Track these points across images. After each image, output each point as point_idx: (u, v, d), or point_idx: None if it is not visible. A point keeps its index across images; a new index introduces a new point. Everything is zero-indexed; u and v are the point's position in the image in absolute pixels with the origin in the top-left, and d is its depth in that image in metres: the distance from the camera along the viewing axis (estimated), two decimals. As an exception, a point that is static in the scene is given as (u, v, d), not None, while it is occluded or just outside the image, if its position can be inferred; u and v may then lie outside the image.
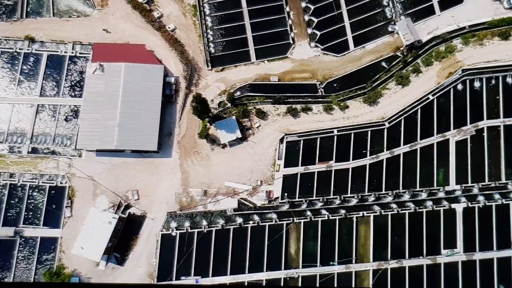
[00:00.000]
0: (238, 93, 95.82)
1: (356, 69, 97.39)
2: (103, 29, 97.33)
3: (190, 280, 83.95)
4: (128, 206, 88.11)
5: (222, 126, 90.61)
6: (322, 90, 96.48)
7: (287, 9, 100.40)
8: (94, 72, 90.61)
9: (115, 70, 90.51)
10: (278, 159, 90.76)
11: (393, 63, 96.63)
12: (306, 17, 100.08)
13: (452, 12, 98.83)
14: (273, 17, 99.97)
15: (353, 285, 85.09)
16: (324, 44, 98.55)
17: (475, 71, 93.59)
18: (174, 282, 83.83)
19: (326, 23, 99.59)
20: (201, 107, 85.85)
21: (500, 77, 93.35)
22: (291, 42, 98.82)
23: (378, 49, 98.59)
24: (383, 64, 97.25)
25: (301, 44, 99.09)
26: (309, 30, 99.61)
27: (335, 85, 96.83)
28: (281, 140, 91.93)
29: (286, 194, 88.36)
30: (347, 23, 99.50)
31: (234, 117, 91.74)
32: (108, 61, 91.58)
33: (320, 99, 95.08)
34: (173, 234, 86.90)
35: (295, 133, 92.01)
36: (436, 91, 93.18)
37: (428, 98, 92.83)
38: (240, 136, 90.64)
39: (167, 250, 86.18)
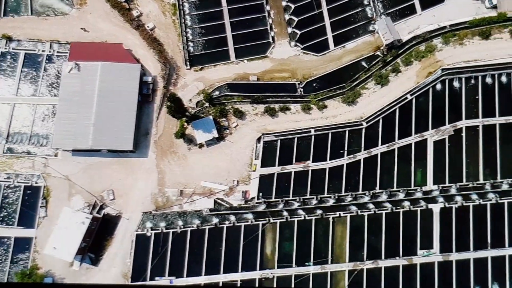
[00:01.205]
0: (217, 92, 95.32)
1: (336, 68, 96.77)
2: (81, 28, 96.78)
3: (164, 280, 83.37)
4: (103, 206, 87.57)
5: (199, 126, 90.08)
6: (302, 89, 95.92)
7: (268, 8, 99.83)
8: (70, 71, 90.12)
9: (91, 69, 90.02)
10: (255, 159, 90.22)
11: (373, 63, 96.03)
12: (287, 16, 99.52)
13: (433, 12, 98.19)
14: (253, 16, 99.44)
15: (329, 286, 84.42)
16: (304, 43, 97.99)
17: (455, 70, 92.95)
18: (148, 282, 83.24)
19: (306, 22, 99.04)
20: (175, 106, 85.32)
21: (480, 77, 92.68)
22: (271, 42, 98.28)
23: (358, 49, 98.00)
24: (363, 63, 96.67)
25: (281, 43, 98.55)
26: (289, 29, 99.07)
27: (314, 84, 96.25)
28: (258, 140, 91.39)
29: (261, 194, 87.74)
30: (327, 22, 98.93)
31: (211, 117, 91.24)
32: (85, 60, 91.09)
33: (298, 99, 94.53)
34: (148, 234, 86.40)
35: (272, 133, 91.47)
36: (414, 90, 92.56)
37: (406, 98, 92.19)
38: (216, 135, 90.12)
39: (142, 250, 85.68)
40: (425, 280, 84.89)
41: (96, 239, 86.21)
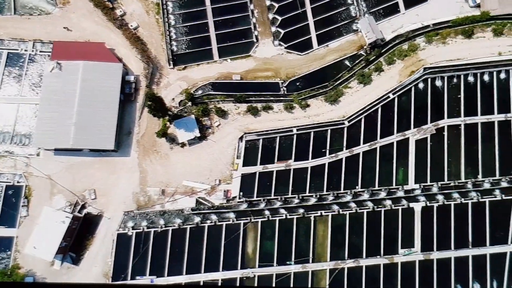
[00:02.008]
0: (200, 91, 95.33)
1: (319, 67, 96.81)
2: (64, 27, 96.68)
3: (145, 279, 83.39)
4: (85, 205, 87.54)
5: (181, 125, 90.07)
6: (285, 89, 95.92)
7: (251, 7, 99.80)
8: (52, 70, 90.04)
9: (73, 68, 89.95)
10: (236, 158, 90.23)
11: (356, 62, 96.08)
12: (270, 16, 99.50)
13: (417, 11, 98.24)
14: (237, 15, 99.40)
15: (310, 285, 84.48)
16: (288, 42, 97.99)
17: (437, 69, 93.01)
18: (128, 281, 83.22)
19: (290, 22, 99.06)
20: (155, 105, 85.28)
21: (462, 76, 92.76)
22: (255, 41, 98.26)
23: (342, 48, 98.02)
24: (347, 62, 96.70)
25: (265, 42, 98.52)
26: (273, 29, 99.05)
27: (298, 84, 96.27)
28: (240, 139, 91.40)
29: (242, 193, 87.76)
30: (311, 21, 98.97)
31: (193, 116, 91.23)
32: (67, 59, 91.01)
33: (281, 98, 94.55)
34: (129, 233, 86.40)
35: (255, 132, 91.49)
36: (397, 89, 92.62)
37: (388, 97, 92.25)
38: (198, 135, 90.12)
39: (123, 249, 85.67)
40: (406, 279, 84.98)
41: (78, 239, 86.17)
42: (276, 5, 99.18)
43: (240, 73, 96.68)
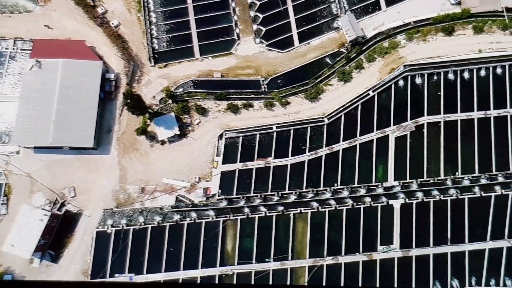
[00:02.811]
0: (181, 89, 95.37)
1: (300, 65, 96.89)
2: (45, 25, 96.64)
3: (124, 277, 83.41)
4: (64, 203, 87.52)
5: (160, 123, 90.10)
6: (266, 86, 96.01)
7: (233, 5, 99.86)
8: (31, 68, 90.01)
9: (52, 66, 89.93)
10: (216, 156, 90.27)
11: (337, 60, 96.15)
12: (252, 13, 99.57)
13: (398, 8, 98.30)
14: (218, 13, 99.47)
15: (288, 282, 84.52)
16: (269, 40, 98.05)
17: (417, 67, 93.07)
18: (107, 279, 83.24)
19: (271, 19, 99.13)
20: (133, 103, 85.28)
21: (442, 73, 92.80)
22: (236, 38, 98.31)
23: (323, 45, 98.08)
24: (328, 60, 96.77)
25: (246, 40, 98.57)
26: (255, 26, 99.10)
27: (278, 81, 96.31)
28: (220, 137, 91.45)
29: (220, 191, 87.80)
30: (292, 19, 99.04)
31: (173, 114, 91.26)
32: (47, 57, 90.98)
33: (262, 96, 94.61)
34: (109, 231, 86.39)
35: (234, 130, 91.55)
36: (377, 87, 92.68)
37: (368, 94, 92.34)
38: (178, 132, 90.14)
39: (102, 247, 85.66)
40: (384, 275, 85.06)
41: (57, 237, 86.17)
42: (258, 3, 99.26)
43: (221, 71, 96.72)
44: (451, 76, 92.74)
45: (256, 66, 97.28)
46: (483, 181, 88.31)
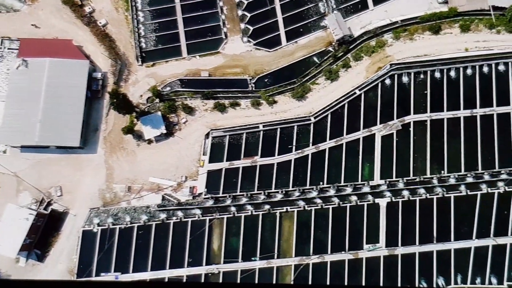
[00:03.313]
0: (168, 88, 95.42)
1: (288, 64, 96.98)
2: (32, 24, 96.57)
3: (110, 276, 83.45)
4: (50, 202, 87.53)
5: (147, 122, 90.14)
6: (253, 85, 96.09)
7: (221, 4, 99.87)
8: (18, 67, 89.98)
9: (39, 65, 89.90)
10: (203, 155, 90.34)
11: (324, 58, 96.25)
12: (240, 12, 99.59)
13: (385, 7, 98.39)
14: (206, 12, 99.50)
15: (275, 280, 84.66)
16: (257, 39, 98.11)
17: (403, 65, 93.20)
18: (93, 278, 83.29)
19: (259, 18, 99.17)
20: (119, 102, 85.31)
21: (429, 72, 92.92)
22: (224, 37, 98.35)
23: (311, 44, 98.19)
24: (315, 59, 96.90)
25: (234, 39, 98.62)
26: (242, 25, 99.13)
27: (266, 80, 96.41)
28: (207, 136, 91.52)
29: (206, 190, 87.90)
30: (280, 18, 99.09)
31: (159, 113, 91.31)
32: (33, 57, 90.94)
33: (249, 95, 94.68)
34: (95, 230, 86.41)
35: (221, 129, 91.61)
36: (363, 85, 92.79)
37: (355, 93, 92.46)
38: (164, 131, 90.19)
39: (88, 246, 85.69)
40: (370, 274, 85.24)
41: (43, 236, 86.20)
42: (245, 2, 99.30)
43: (208, 70, 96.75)
44: (437, 74, 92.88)
45: (244, 65, 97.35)
46: (469, 180, 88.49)
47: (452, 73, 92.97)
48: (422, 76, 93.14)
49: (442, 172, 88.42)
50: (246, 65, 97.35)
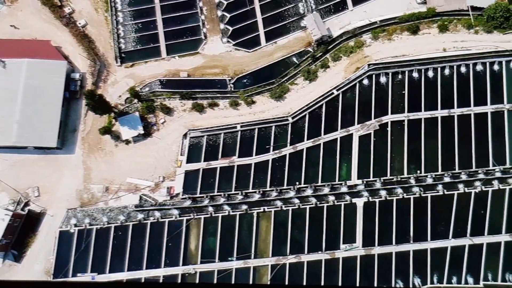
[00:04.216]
0: (147, 89, 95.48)
1: (267, 64, 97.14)
2: (11, 25, 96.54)
3: (86, 276, 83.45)
4: (28, 203, 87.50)
5: (124, 122, 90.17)
6: (232, 85, 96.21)
7: (200, 4, 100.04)
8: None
9: (16, 66, 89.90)
10: (180, 155, 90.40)
11: (303, 59, 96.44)
12: (219, 13, 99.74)
13: (364, 7, 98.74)
14: (185, 13, 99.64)
15: (251, 281, 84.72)
16: (236, 39, 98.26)
17: (381, 66, 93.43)
18: (69, 279, 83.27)
19: (238, 19, 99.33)
20: (94, 103, 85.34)
21: (406, 72, 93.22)
22: (203, 38, 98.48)
23: (290, 45, 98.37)
24: (294, 59, 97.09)
25: (213, 39, 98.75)
26: (222, 26, 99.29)
27: (245, 80, 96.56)
28: (185, 136, 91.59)
29: (183, 190, 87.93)
30: (259, 18, 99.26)
31: (137, 113, 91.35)
32: (11, 57, 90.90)
33: (228, 95, 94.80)
34: (72, 230, 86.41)
35: (199, 129, 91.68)
36: (341, 86, 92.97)
37: (333, 93, 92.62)
38: (142, 132, 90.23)
39: (65, 246, 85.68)
40: (347, 274, 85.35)
41: (20, 236, 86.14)
42: (225, 3, 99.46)
43: (188, 70, 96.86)
44: (415, 75, 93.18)
45: (223, 66, 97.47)
46: (446, 179, 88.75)
47: (430, 73, 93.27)
48: (400, 76, 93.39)
49: (419, 172, 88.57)
50: (226, 66, 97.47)
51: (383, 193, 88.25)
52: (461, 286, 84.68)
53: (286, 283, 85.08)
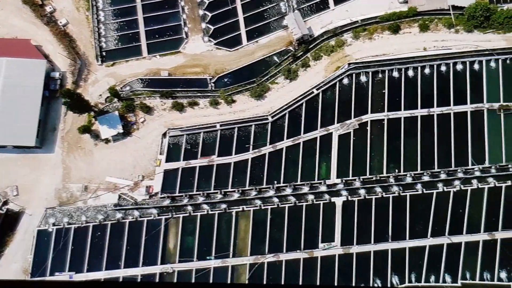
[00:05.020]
0: (128, 88, 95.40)
1: (248, 63, 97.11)
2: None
3: (64, 275, 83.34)
4: (6, 202, 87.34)
5: (104, 121, 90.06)
6: (213, 85, 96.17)
7: (182, 3, 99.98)
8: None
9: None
10: (160, 154, 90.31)
11: (284, 58, 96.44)
12: (201, 12, 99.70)
13: (346, 6, 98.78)
14: (167, 12, 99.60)
15: (229, 280, 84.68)
16: (217, 38, 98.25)
17: (361, 65, 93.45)
18: (47, 277, 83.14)
19: (220, 18, 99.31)
20: (72, 102, 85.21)
21: (387, 71, 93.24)
22: (184, 37, 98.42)
23: (271, 44, 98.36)
24: (276, 58, 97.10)
25: (194, 38, 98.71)
26: (203, 25, 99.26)
27: (226, 80, 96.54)
28: (164, 135, 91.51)
29: (162, 189, 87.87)
30: (241, 17, 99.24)
31: (116, 112, 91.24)
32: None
33: (208, 94, 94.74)
34: (50, 229, 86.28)
35: (178, 128, 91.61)
36: (321, 85, 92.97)
37: (312, 92, 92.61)
38: (121, 131, 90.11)
39: (43, 246, 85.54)
40: (325, 272, 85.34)
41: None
42: (207, 2, 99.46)
43: (169, 69, 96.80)
44: (395, 74, 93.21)
45: (204, 65, 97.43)
46: (426, 178, 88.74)
47: (410, 73, 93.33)
48: (380, 75, 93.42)
49: (397, 171, 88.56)
50: (207, 65, 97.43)
51: (362, 192, 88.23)
52: (439, 285, 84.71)
53: (264, 282, 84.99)
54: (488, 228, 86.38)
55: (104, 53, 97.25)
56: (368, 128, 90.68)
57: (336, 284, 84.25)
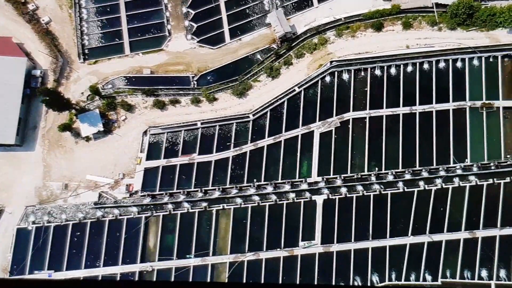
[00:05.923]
0: (110, 86, 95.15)
1: (231, 61, 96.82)
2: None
3: (43, 274, 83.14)
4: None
5: (84, 119, 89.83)
6: (195, 82, 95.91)
7: (165, 1, 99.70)
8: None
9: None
10: (140, 152, 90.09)
11: (267, 56, 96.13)
12: (184, 9, 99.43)
13: (330, 4, 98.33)
14: (150, 10, 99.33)
15: (209, 278, 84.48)
16: (200, 36, 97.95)
17: (344, 63, 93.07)
18: (26, 276, 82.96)
19: (203, 16, 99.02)
20: (51, 100, 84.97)
21: (369, 69, 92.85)
22: (167, 35, 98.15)
23: (255, 42, 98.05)
24: (259, 56, 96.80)
25: (177, 36, 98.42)
26: (186, 23, 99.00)
27: (209, 77, 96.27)
28: (145, 133, 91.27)
29: (142, 187, 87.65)
30: (224, 15, 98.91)
31: (97, 110, 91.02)
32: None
33: (190, 92, 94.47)
34: (29, 228, 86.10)
35: (159, 126, 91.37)
36: (303, 83, 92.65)
37: (294, 90, 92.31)
38: (102, 129, 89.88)
39: (22, 244, 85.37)
40: (305, 271, 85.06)
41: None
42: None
43: (151, 67, 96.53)
44: (377, 72, 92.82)
45: (187, 63, 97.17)
46: (407, 177, 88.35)
47: (393, 70, 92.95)
48: (362, 73, 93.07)
49: (377, 169, 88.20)
50: (190, 63, 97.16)
51: (343, 190, 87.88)
52: (419, 283, 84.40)
53: (244, 280, 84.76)
54: (469, 227, 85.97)
55: (86, 51, 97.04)
56: (350, 126, 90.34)
57: (316, 283, 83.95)
